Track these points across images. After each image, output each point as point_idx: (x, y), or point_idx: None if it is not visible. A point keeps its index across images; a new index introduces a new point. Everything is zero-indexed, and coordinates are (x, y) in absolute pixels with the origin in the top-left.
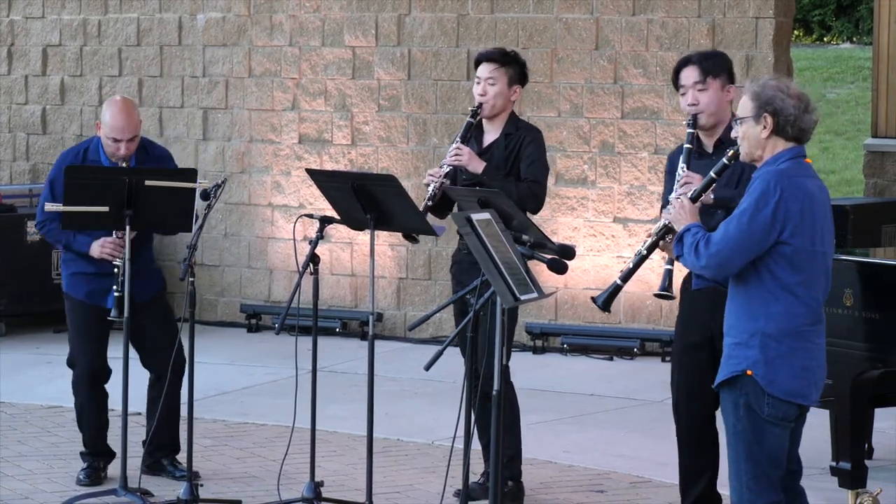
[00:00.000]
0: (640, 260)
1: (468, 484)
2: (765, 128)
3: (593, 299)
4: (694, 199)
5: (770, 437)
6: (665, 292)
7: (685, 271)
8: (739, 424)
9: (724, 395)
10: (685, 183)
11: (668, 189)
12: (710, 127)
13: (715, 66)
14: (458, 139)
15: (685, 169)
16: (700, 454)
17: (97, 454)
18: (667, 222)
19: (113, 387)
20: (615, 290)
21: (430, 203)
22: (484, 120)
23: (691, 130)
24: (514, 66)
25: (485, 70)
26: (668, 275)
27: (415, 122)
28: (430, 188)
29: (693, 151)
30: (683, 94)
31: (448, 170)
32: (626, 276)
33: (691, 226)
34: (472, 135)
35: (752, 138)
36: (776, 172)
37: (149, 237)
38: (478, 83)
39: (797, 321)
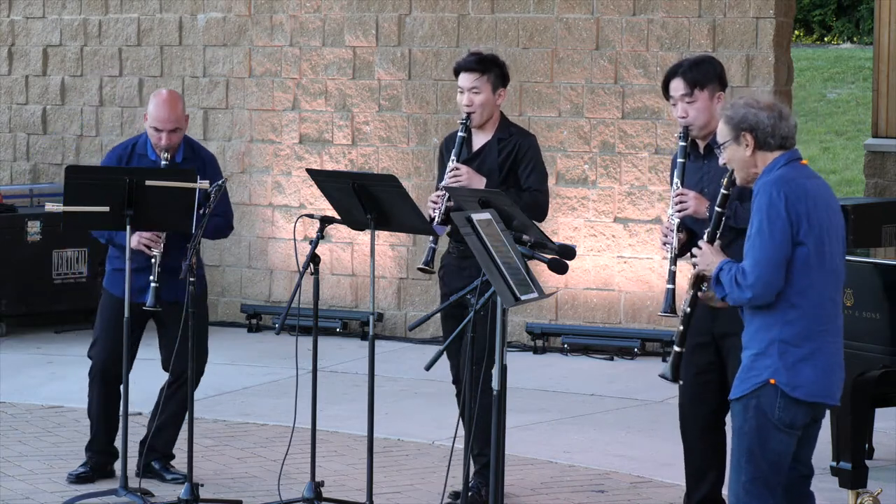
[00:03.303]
0: (688, 318)
1: (468, 484)
2: (747, 146)
3: (662, 376)
4: (711, 240)
5: (773, 441)
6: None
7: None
8: (746, 426)
9: (735, 401)
10: (679, 201)
11: None
12: (703, 136)
13: (703, 75)
14: (453, 158)
15: (679, 185)
16: (705, 456)
17: (98, 451)
18: (698, 271)
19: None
20: (677, 357)
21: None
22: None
23: (683, 144)
24: (494, 71)
25: (467, 80)
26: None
27: (415, 122)
28: (437, 214)
29: (687, 159)
30: (674, 105)
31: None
32: (682, 339)
33: (723, 264)
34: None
35: (739, 160)
36: (773, 181)
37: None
38: (461, 93)
39: (814, 323)
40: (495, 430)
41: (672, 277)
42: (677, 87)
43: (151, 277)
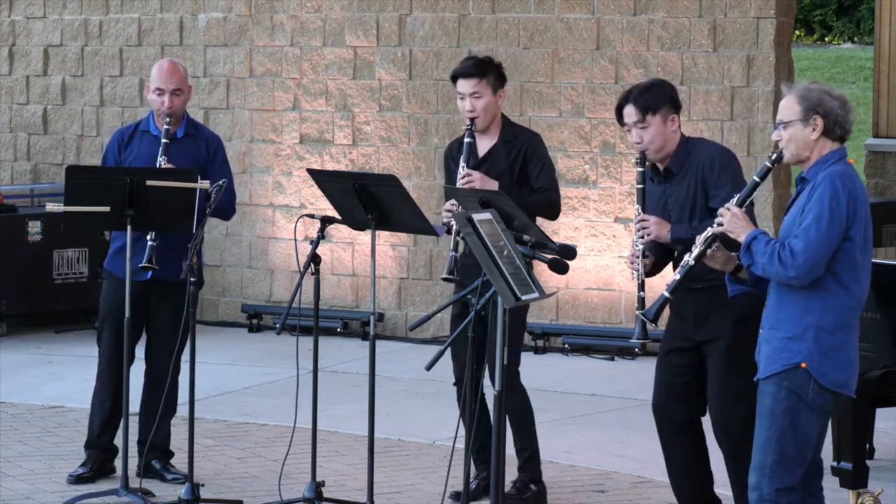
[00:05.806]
0: (689, 270)
1: (468, 484)
2: (814, 129)
3: (643, 314)
4: (741, 205)
5: (805, 422)
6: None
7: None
8: (778, 407)
9: (765, 381)
10: (641, 227)
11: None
12: (661, 159)
13: (654, 100)
14: (463, 165)
15: (640, 211)
16: (685, 457)
17: (101, 448)
18: (719, 231)
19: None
20: (665, 302)
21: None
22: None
23: (641, 169)
24: (492, 72)
25: (467, 86)
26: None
27: (416, 122)
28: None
29: (646, 180)
30: (628, 131)
31: None
32: (674, 288)
33: (757, 233)
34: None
35: (801, 140)
36: (838, 174)
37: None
38: (461, 98)
39: (848, 315)
40: (495, 430)
41: (641, 303)
42: (630, 113)
43: (149, 237)
